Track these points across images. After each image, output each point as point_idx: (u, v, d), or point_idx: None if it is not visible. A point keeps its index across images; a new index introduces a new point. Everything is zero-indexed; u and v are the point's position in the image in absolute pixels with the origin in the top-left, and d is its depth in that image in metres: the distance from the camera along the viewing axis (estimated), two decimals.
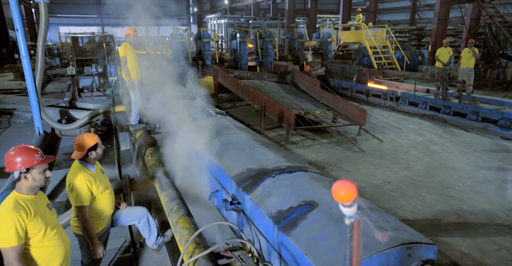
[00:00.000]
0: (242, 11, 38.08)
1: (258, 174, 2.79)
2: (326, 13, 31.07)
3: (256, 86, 10.31)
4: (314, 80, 10.10)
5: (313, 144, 7.45)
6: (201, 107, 5.14)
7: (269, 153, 3.21)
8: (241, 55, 13.75)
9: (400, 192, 5.20)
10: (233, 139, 3.65)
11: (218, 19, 26.07)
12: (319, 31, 16.27)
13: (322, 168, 6.16)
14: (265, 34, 13.88)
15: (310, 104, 9.34)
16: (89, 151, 2.56)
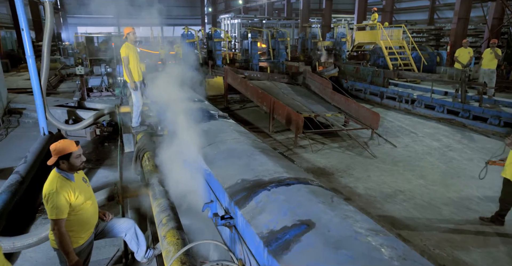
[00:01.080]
0: (256, 11, 37.90)
1: (252, 186, 2.55)
2: (342, 13, 30.55)
3: (265, 88, 10.07)
4: (326, 81, 9.79)
5: (322, 148, 7.15)
6: (203, 110, 4.94)
7: (268, 162, 2.96)
8: (252, 56, 13.53)
9: (413, 203, 4.87)
10: (232, 145, 3.42)
11: (232, 19, 25.95)
12: (333, 31, 15.89)
13: (331, 174, 5.86)
14: (277, 34, 13.61)
15: (321, 106, 9.04)
16: (60, 159, 2.37)
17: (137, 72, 5.40)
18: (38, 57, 6.57)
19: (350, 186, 5.40)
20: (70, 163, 2.36)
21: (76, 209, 2.35)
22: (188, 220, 3.30)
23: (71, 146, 2.36)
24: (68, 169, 2.35)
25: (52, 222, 2.22)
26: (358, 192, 5.17)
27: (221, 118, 4.53)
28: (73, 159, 2.40)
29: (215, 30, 13.07)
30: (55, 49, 21.60)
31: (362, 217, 2.20)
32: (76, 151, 2.41)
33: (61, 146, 2.35)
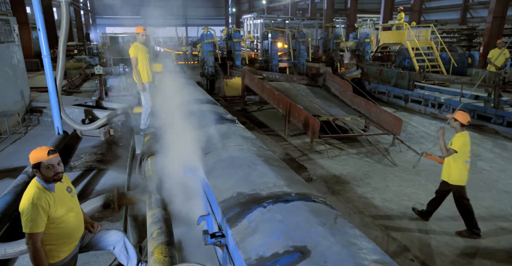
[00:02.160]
0: (279, 11, 37.58)
1: (248, 201, 2.31)
2: (367, 12, 29.71)
3: (283, 89, 9.79)
4: (346, 83, 9.38)
5: (340, 154, 6.80)
6: (212, 113, 4.74)
7: (269, 173, 2.71)
8: (272, 56, 13.28)
9: (435, 218, 4.46)
10: (234, 152, 3.19)
11: (254, 19, 25.77)
12: (356, 32, 15.37)
13: (347, 182, 5.52)
14: (298, 35, 13.28)
15: (340, 109, 8.67)
16: (33, 168, 2.21)
17: (146, 73, 5.27)
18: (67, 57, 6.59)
19: (366, 196, 5.04)
20: (41, 174, 2.20)
21: (56, 221, 2.19)
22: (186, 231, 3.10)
23: (41, 154, 2.17)
24: (43, 179, 2.19)
25: (26, 235, 2.07)
26: (375, 204, 4.81)
27: (228, 122, 4.31)
28: (43, 169, 2.18)
29: (235, 30, 12.91)
30: (82, 49, 22.16)
31: (368, 244, 1.90)
32: (46, 160, 2.17)
33: (33, 153, 2.19)
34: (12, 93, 8.41)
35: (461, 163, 3.96)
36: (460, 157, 3.93)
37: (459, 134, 3.97)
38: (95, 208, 3.17)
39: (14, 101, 8.43)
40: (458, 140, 3.92)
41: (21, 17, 16.08)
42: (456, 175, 4.02)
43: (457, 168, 3.99)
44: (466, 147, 3.93)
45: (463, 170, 3.97)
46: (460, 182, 4.01)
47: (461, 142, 3.89)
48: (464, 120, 3.90)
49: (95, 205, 3.17)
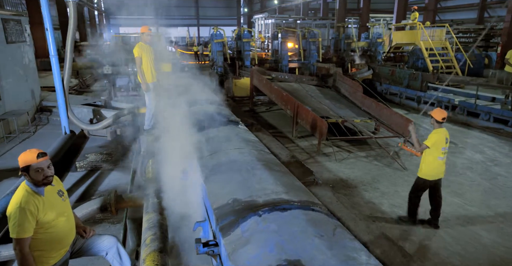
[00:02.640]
0: (291, 11, 37.35)
1: (243, 208, 2.20)
2: (380, 12, 29.25)
3: (292, 90, 9.65)
4: (356, 84, 9.18)
5: (348, 157, 6.63)
6: (215, 114, 4.64)
7: (268, 178, 2.60)
8: (282, 56, 13.14)
9: (446, 225, 4.27)
10: (234, 156, 3.08)
11: (265, 19, 25.66)
12: (369, 32, 15.09)
13: (354, 187, 5.35)
14: (308, 35, 13.12)
15: (350, 111, 8.47)
16: (22, 171, 2.15)
17: (150, 73, 5.22)
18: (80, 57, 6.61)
19: (374, 201, 4.87)
20: (30, 177, 2.13)
21: (45, 226, 2.12)
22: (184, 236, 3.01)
23: (30, 157, 2.11)
24: (33, 183, 2.13)
25: (14, 241, 2.01)
26: (383, 209, 4.64)
27: (231, 124, 4.21)
28: (33, 173, 2.10)
29: (244, 30, 12.82)
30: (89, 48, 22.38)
31: (368, 259, 1.78)
32: (35, 164, 2.10)
33: (22, 156, 2.12)
34: (22, 93, 8.50)
35: (433, 158, 4.03)
36: (432, 153, 4.01)
37: (434, 131, 4.06)
38: (92, 211, 3.11)
39: (24, 101, 8.51)
40: (431, 137, 4.02)
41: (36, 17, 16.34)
42: (423, 168, 4.12)
43: (427, 162, 4.08)
44: (440, 144, 3.98)
45: (433, 165, 4.04)
46: (425, 175, 4.11)
47: (434, 138, 3.97)
48: (439, 117, 3.98)
49: (92, 208, 3.12)
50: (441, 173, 4.13)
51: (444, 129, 4.06)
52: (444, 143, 4.00)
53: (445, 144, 4.01)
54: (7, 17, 8.10)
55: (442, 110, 4.04)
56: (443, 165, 4.09)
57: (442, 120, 4.01)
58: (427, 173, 4.10)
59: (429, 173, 4.09)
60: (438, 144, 3.97)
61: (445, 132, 4.05)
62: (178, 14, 46.82)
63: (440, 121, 4.01)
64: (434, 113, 4.04)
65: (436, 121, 4.03)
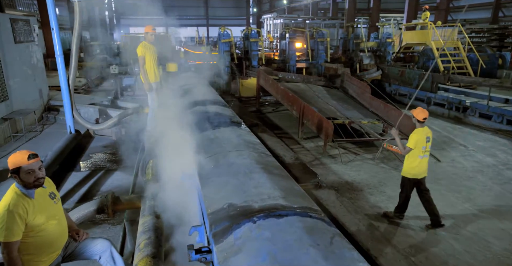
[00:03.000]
0: (301, 11, 37.15)
1: (238, 214, 2.12)
2: (391, 12, 28.87)
3: (299, 90, 9.54)
4: (364, 85, 9.02)
5: (354, 159, 6.49)
6: (217, 114, 4.57)
7: (266, 183, 2.51)
8: (289, 57, 13.03)
9: (455, 232, 4.12)
10: (232, 158, 3.00)
11: (274, 19, 25.55)
12: (378, 31, 14.86)
13: (359, 190, 5.23)
14: (316, 34, 12.97)
15: (357, 112, 8.33)
16: (12, 173, 2.09)
17: (153, 73, 5.18)
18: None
19: (379, 205, 4.74)
20: (21, 179, 2.08)
21: (35, 230, 2.07)
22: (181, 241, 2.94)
23: (21, 159, 2.05)
24: (23, 185, 2.08)
25: (1, 244, 1.96)
26: None
27: (233, 125, 4.13)
28: (23, 175, 2.05)
29: (252, 30, 12.74)
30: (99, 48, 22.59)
31: None
32: (26, 165, 2.05)
33: (12, 158, 2.07)
34: (30, 92, 8.57)
35: (414, 158, 4.13)
36: (413, 152, 4.12)
37: (414, 131, 4.18)
38: (89, 212, 3.07)
39: (32, 100, 8.58)
40: (412, 138, 4.12)
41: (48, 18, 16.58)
42: (405, 167, 4.25)
43: (408, 162, 4.21)
44: (421, 143, 4.08)
45: (413, 164, 4.15)
46: (407, 174, 4.23)
47: (415, 139, 4.08)
48: (420, 117, 4.10)
49: (88, 209, 3.07)
50: (424, 171, 4.20)
51: (425, 128, 4.15)
52: (425, 142, 4.09)
53: (426, 143, 4.10)
54: (15, 17, 8.17)
55: (424, 110, 4.14)
56: (425, 163, 4.17)
57: (423, 120, 4.11)
58: (409, 171, 4.21)
59: (411, 171, 4.19)
60: (419, 144, 4.08)
61: (426, 131, 4.14)
62: (188, 14, 47.06)
63: (422, 121, 4.11)
64: (415, 113, 4.15)
65: (417, 121, 4.14)
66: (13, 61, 7.76)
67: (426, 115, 4.10)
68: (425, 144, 4.08)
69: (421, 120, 4.11)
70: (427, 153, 4.14)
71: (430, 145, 4.16)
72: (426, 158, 4.15)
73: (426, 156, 4.15)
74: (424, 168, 4.19)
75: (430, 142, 4.15)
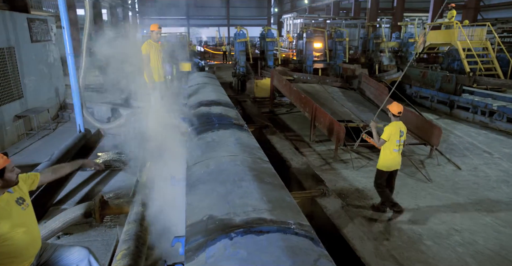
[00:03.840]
0: (322, 11, 36.58)
1: (215, 229, 1.92)
2: (416, 11, 27.92)
3: (313, 92, 9.25)
4: (382, 86, 8.63)
5: (367, 165, 6.17)
6: (220, 116, 4.40)
7: (254, 192, 2.30)
8: (306, 57, 12.73)
9: (473, 249, 3.76)
10: (224, 164, 2.81)
11: (294, 19, 25.23)
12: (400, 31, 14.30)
13: (369, 198, 4.92)
14: (335, 34, 12.61)
15: (373, 115, 7.95)
16: None
17: (157, 72, 5.06)
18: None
19: (390, 216, 4.43)
20: (5, 180, 1.96)
21: (1, 237, 1.95)
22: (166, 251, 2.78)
23: (2, 160, 1.92)
24: None
25: None
26: (399, 226, 4.19)
27: (234, 127, 3.94)
28: (9, 174, 1.96)
29: (268, 30, 12.53)
30: None
31: None
32: (9, 163, 1.96)
33: None
34: (45, 91, 8.70)
35: (388, 150, 4.32)
36: (388, 145, 4.30)
37: (390, 124, 4.34)
38: (76, 216, 2.95)
39: (47, 98, 8.71)
40: (386, 129, 4.28)
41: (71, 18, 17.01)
42: (380, 160, 4.43)
43: (382, 154, 4.39)
44: (394, 136, 4.24)
45: (388, 157, 4.33)
46: (382, 167, 4.40)
47: (388, 131, 4.24)
48: (395, 111, 4.29)
49: (75, 213, 2.96)
50: (397, 164, 4.39)
51: (399, 122, 4.31)
52: (399, 136, 4.25)
53: (400, 136, 4.26)
54: (33, 17, 8.31)
55: (399, 105, 4.34)
56: (398, 156, 4.35)
57: (398, 114, 4.29)
58: (383, 164, 4.38)
59: (385, 164, 4.37)
60: (393, 137, 4.24)
61: (400, 125, 4.29)
62: (210, 15, 47.39)
63: (397, 115, 4.29)
64: (391, 107, 4.35)
65: (392, 115, 4.32)
66: (29, 60, 7.88)
67: (401, 109, 4.27)
68: (398, 138, 4.25)
69: (396, 114, 4.28)
70: (401, 146, 4.33)
71: (404, 139, 4.32)
72: (399, 151, 4.34)
73: (400, 149, 4.34)
74: (398, 161, 4.38)
75: (404, 136, 4.31)
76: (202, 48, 34.16)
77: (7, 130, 6.98)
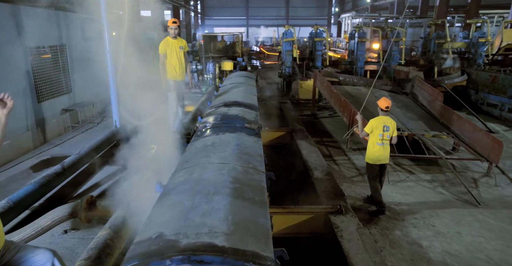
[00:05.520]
0: (386, 10, 34.52)
1: (154, 252, 1.65)
2: (495, 8, 24.96)
3: (357, 95, 8.57)
4: (436, 92, 7.67)
5: (406, 179, 5.45)
6: (234, 117, 4.13)
7: (221, 210, 1.99)
8: (357, 58, 11.94)
9: None
10: (208, 173, 2.53)
11: (353, 18, 24.08)
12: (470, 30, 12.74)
13: (401, 219, 4.29)
14: (390, 34, 11.64)
15: (422, 123, 7.12)
16: None
17: (174, 71, 4.91)
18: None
19: (420, 243, 3.78)
20: None
21: None
22: None
23: None
24: None
25: None
26: (429, 256, 3.55)
27: (242, 131, 3.64)
28: None
29: (318, 29, 11.97)
30: None
31: None
32: None
33: None
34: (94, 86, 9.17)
35: (372, 143, 4.47)
36: (371, 138, 4.48)
37: (374, 117, 4.50)
38: (63, 216, 2.89)
39: (95, 93, 9.17)
40: (369, 123, 4.46)
41: None
42: (367, 153, 4.56)
43: (368, 148, 4.54)
44: (377, 130, 4.40)
45: (372, 150, 4.46)
46: (368, 159, 4.53)
47: (371, 124, 4.43)
48: (383, 106, 4.44)
49: (62, 213, 2.90)
50: (383, 158, 4.43)
51: (386, 117, 4.44)
52: (382, 130, 4.37)
53: (383, 131, 4.36)
54: (86, 16, 8.82)
55: (387, 100, 4.48)
56: (382, 151, 4.40)
57: (385, 109, 4.44)
58: (368, 156, 4.51)
59: (370, 156, 4.48)
60: (375, 130, 4.39)
61: (386, 120, 4.41)
62: (269, 15, 47.50)
63: (384, 109, 4.44)
64: (379, 102, 4.50)
65: (380, 109, 4.47)
66: (79, 57, 8.37)
67: (388, 104, 4.43)
68: (381, 132, 4.36)
69: (384, 109, 4.44)
70: (385, 141, 4.39)
71: (389, 134, 4.37)
72: (385, 146, 4.39)
73: (385, 144, 4.39)
74: (384, 155, 4.42)
75: (389, 132, 4.37)
76: (257, 48, 34.25)
77: (53, 122, 7.47)
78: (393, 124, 4.42)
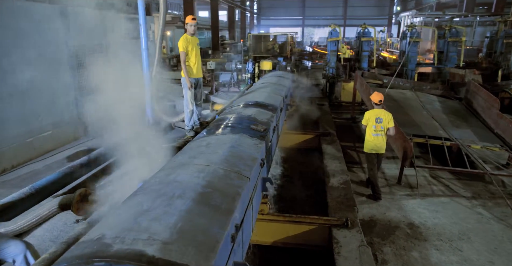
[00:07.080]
0: (454, 7, 31.76)
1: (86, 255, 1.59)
2: None
3: (400, 99, 7.93)
4: (493, 98, 6.77)
5: (440, 194, 4.87)
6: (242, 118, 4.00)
7: (174, 215, 1.88)
8: (409, 59, 11.05)
9: None
10: (187, 173, 2.44)
11: (413, 17, 22.51)
12: None
13: (423, 239, 3.81)
14: (448, 33, 10.61)
15: (472, 133, 6.34)
16: None
17: (195, 68, 4.88)
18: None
19: None
20: None
21: None
22: None
23: None
24: None
25: None
26: None
27: (246, 132, 3.50)
28: None
29: (365, 28, 11.31)
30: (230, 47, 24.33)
31: None
32: None
33: None
34: None
35: (368, 134, 4.79)
36: (367, 130, 4.80)
37: (368, 110, 4.92)
38: (54, 209, 2.98)
39: None
40: (365, 115, 4.86)
41: None
42: (364, 143, 4.87)
43: (365, 138, 4.85)
44: (370, 122, 4.76)
45: (368, 139, 4.80)
46: (365, 149, 4.86)
47: (365, 116, 4.84)
48: (376, 100, 4.77)
49: (53, 205, 2.99)
50: (378, 148, 4.74)
51: (379, 110, 4.76)
52: (375, 122, 4.70)
53: (376, 122, 4.69)
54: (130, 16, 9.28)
55: (379, 94, 4.81)
56: (378, 141, 4.71)
57: (378, 103, 4.76)
58: (365, 146, 4.85)
59: (367, 145, 4.82)
60: (370, 122, 4.75)
61: (378, 112, 4.74)
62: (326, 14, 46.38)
63: (377, 103, 4.77)
64: (372, 96, 4.83)
65: (374, 103, 4.80)
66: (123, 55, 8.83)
67: (381, 98, 4.74)
68: (374, 123, 4.69)
69: (377, 102, 4.75)
70: (380, 132, 4.69)
71: (382, 125, 4.67)
72: (380, 137, 4.70)
73: (379, 135, 4.69)
74: (379, 145, 4.73)
75: (382, 123, 4.67)
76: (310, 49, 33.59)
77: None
78: (386, 116, 4.68)
